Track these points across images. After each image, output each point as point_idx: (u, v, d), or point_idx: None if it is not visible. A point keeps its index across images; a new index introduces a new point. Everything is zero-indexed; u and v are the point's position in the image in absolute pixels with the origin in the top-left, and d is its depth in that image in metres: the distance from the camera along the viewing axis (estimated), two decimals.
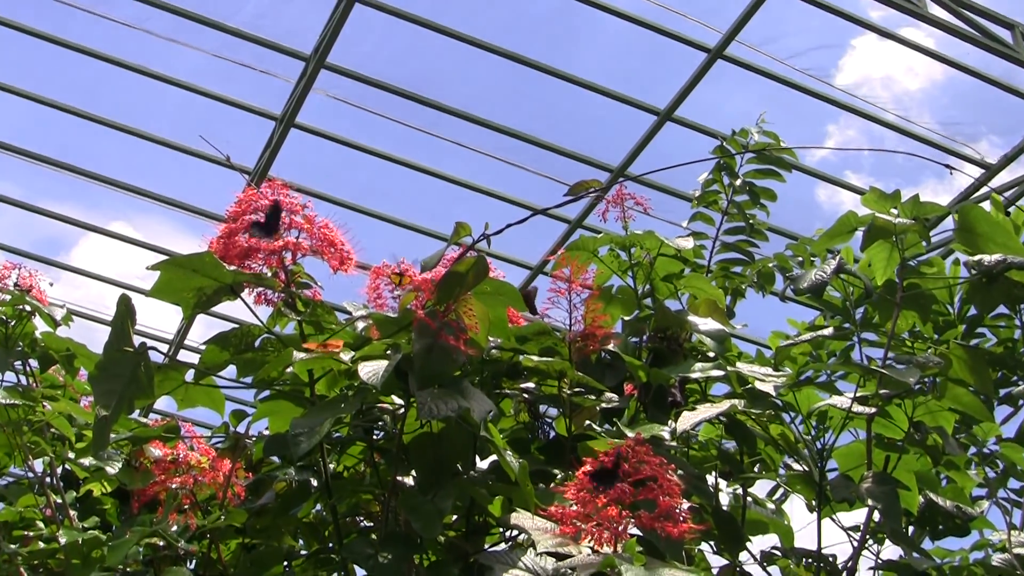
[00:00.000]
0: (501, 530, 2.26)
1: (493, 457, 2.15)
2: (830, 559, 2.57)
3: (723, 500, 2.57)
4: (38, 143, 7.61)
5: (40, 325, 2.75)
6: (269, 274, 2.17)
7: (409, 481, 2.12)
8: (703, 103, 6.87)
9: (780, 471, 2.64)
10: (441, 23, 6.57)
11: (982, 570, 2.61)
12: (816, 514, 2.46)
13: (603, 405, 2.37)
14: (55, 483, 2.67)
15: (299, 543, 2.48)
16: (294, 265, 2.20)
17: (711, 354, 2.60)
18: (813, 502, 2.48)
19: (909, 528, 2.70)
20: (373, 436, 2.27)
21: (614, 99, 6.88)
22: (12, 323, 2.71)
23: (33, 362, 2.79)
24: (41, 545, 2.47)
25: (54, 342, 2.76)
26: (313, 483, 2.30)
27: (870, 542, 2.62)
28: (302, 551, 2.47)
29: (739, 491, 2.64)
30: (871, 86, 7.35)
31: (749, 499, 2.67)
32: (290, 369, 2.18)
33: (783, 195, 3.85)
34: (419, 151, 7.43)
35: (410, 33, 6.67)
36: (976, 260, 2.61)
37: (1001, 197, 6.00)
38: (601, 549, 1.63)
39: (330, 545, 2.39)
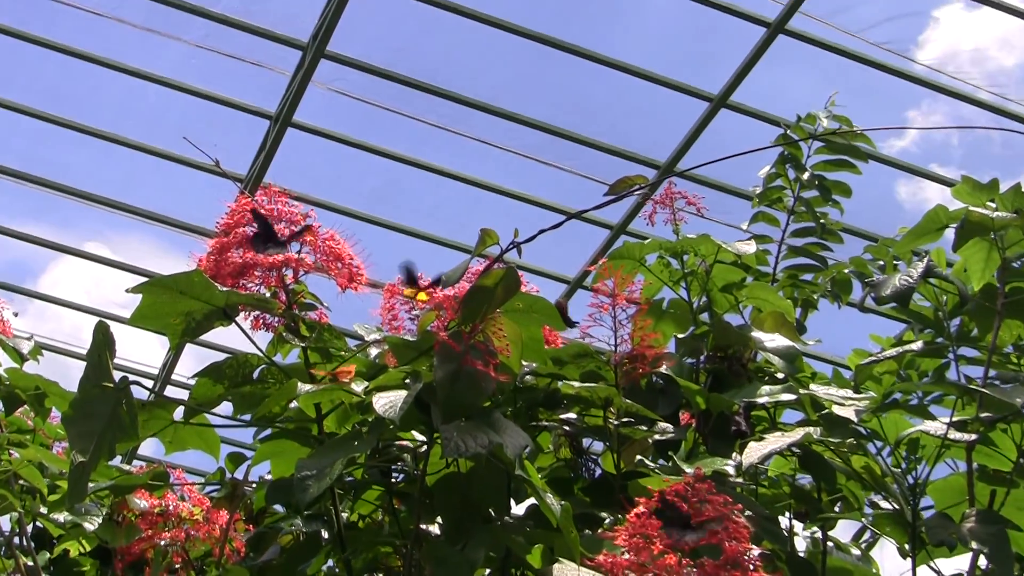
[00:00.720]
0: None
1: (531, 500, 2.15)
2: None
3: (799, 545, 2.55)
4: None
5: (5, 361, 2.76)
6: (268, 294, 2.17)
7: (434, 530, 2.12)
8: (763, 86, 6.88)
9: (866, 510, 2.63)
10: (459, 2, 6.58)
11: None
12: (910, 560, 2.44)
13: (656, 437, 2.36)
14: (25, 543, 2.68)
15: None
16: (296, 284, 2.20)
17: (780, 375, 2.59)
18: (906, 546, 2.47)
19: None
20: (392, 479, 2.27)
21: (660, 84, 6.88)
22: None
23: None
24: None
25: (21, 380, 2.76)
26: (324, 535, 2.30)
27: None
28: None
29: (817, 534, 2.63)
30: (959, 62, 7.32)
31: (829, 543, 2.65)
32: (294, 404, 2.19)
33: (858, 193, 3.84)
34: (436, 151, 7.46)
35: (423, 15, 6.69)
36: None
37: None
38: None
39: None
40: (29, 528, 2.72)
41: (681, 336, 2.72)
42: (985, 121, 6.95)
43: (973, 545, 2.26)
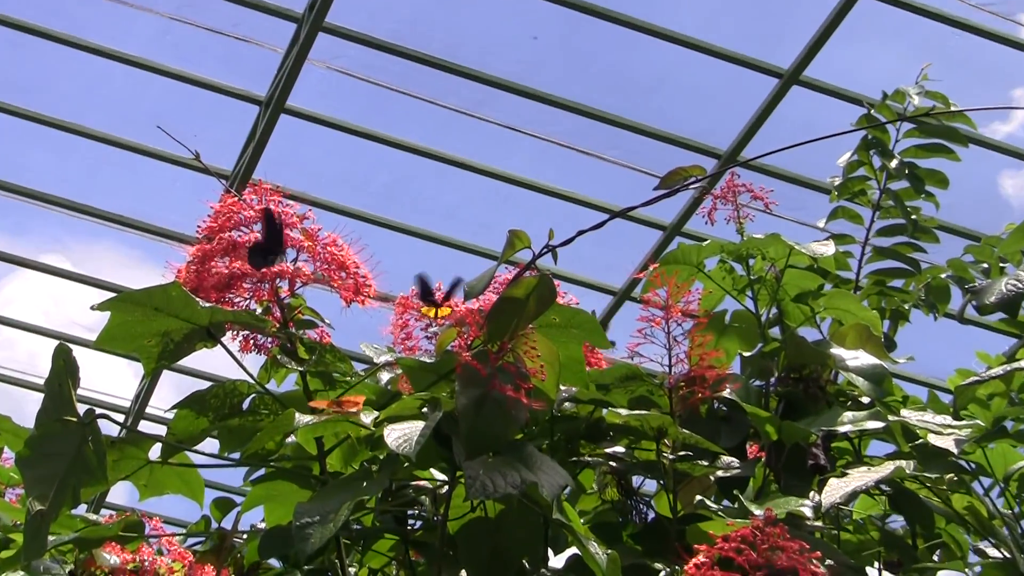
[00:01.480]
0: None
1: (572, 549, 2.15)
2: None
3: None
4: None
5: None
6: (259, 310, 2.18)
7: None
8: (841, 60, 6.86)
9: (970, 559, 2.62)
10: None
11: None
12: None
13: (719, 473, 2.36)
14: None
15: None
16: (293, 298, 2.21)
17: (865, 400, 2.59)
18: None
19: None
20: (408, 526, 2.28)
21: (719, 58, 6.87)
22: None
23: None
24: None
25: None
26: None
27: None
28: None
29: None
30: None
31: None
32: (292, 438, 2.20)
33: (956, 184, 3.83)
34: (456, 140, 7.46)
35: None
36: None
37: None
38: None
39: None
40: None
41: (747, 354, 2.73)
42: None
43: None
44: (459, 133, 7.41)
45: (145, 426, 8.59)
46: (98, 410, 2.05)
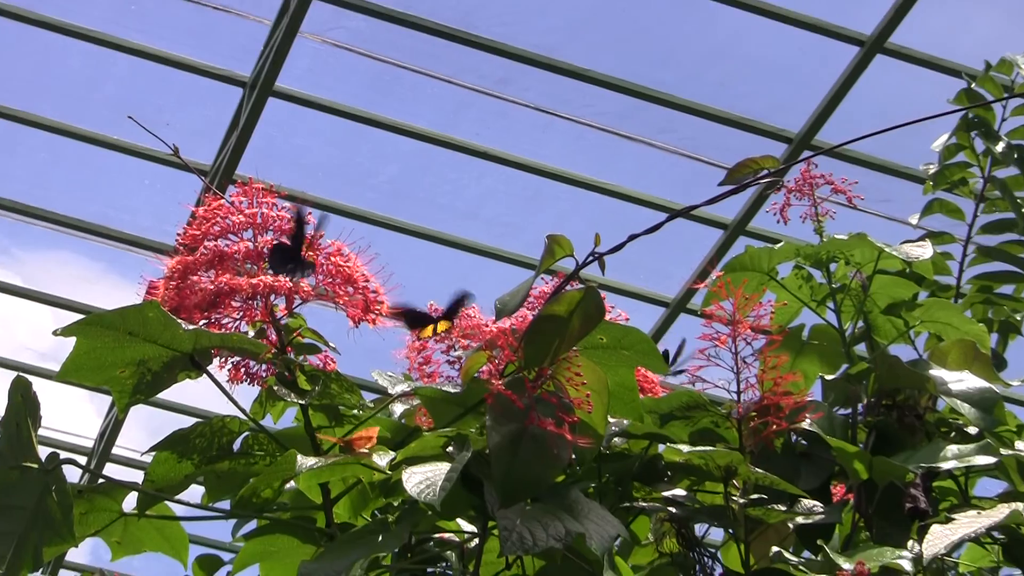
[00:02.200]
0: None
1: None
2: None
3: None
4: None
5: None
6: (251, 333, 2.19)
7: None
8: (932, 25, 6.86)
9: None
10: None
11: None
12: None
13: (799, 520, 2.36)
14: None
15: None
16: (291, 317, 2.21)
17: (972, 430, 2.58)
18: None
19: None
20: None
21: (791, 24, 6.87)
22: None
23: None
24: None
25: None
26: None
27: None
28: None
29: None
30: None
31: None
32: (292, 484, 2.20)
33: None
34: (476, 125, 7.45)
35: None
36: None
37: None
38: None
39: None
40: None
41: (830, 378, 2.72)
42: None
43: None
44: (480, 117, 7.41)
45: (112, 470, 8.62)
46: (63, 454, 2.05)
